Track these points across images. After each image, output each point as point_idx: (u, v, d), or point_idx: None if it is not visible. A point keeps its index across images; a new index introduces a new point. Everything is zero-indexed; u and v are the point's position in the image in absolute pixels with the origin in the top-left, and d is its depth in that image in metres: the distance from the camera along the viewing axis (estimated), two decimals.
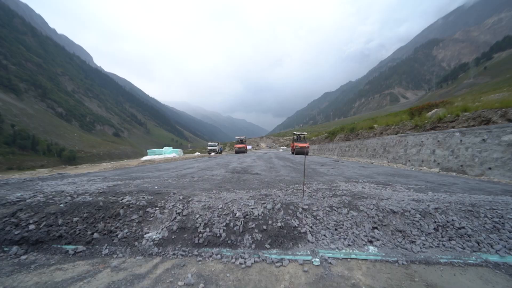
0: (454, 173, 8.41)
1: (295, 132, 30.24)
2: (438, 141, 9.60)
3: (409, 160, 11.04)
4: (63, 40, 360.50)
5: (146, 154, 40.21)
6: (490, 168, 7.46)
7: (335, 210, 3.07)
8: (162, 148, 44.03)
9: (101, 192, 3.85)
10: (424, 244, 2.58)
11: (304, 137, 28.40)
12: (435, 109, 13.29)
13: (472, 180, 6.58)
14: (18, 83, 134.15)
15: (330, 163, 12.24)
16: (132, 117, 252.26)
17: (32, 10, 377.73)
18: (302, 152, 23.10)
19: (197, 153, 47.07)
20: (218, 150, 44.15)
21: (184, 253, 2.43)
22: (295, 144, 24.83)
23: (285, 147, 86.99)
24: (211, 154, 38.85)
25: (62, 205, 3.26)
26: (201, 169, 8.76)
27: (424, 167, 9.84)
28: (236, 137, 37.50)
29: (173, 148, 45.85)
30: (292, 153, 25.28)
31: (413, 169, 9.97)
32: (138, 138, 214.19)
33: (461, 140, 8.62)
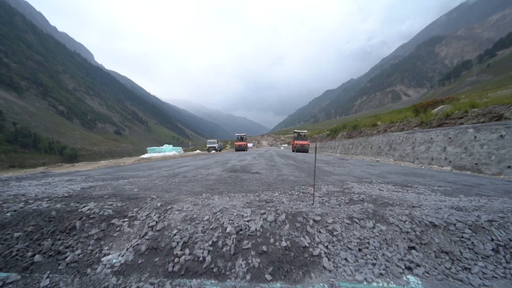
0: (468, 172, 7.84)
1: (295, 130, 30.85)
2: (449, 137, 9.02)
3: (417, 158, 10.47)
4: (64, 38, 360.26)
5: (147, 152, 39.99)
6: (509, 167, 6.79)
7: (356, 223, 2.35)
8: (162, 146, 43.78)
9: (66, 197, 3.15)
10: (484, 273, 1.86)
11: (304, 135, 28.91)
12: (441, 106, 12.71)
13: (497, 180, 5.85)
14: (19, 81, 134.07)
15: (334, 161, 11.55)
16: (133, 115, 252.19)
17: (32, 8, 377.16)
18: (303, 149, 23.86)
19: (197, 151, 46.56)
20: (218, 148, 43.26)
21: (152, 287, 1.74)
22: (296, 142, 25.38)
23: (286, 145, 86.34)
24: (211, 152, 38.19)
25: (9, 214, 2.58)
26: (196, 168, 8.04)
27: (435, 165, 9.28)
28: (236, 134, 36.05)
29: (173, 146, 45.69)
30: (293, 151, 25.71)
31: (423, 167, 9.33)
32: (139, 136, 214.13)
33: (475, 137, 8.03)
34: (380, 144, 14.17)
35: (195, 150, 51.08)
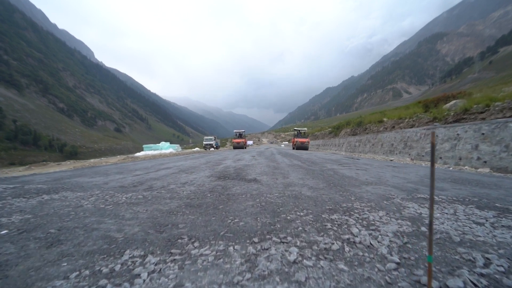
0: None
1: (295, 128, 31.33)
2: (483, 133, 7.78)
3: (441, 157, 9.32)
4: (64, 35, 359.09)
5: (143, 150, 39.06)
6: None
7: None
8: (164, 142, 42.97)
9: None
10: None
11: (304, 133, 29.66)
12: (454, 101, 12.32)
13: None
14: (19, 79, 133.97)
15: (345, 160, 10.08)
16: (134, 113, 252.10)
17: (32, 5, 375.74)
18: (303, 147, 24.36)
19: (196, 149, 45.44)
20: (215, 145, 41.41)
21: None
22: (296, 139, 25.83)
23: (287, 142, 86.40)
24: (210, 149, 36.71)
25: None
26: (179, 171, 6.51)
27: (466, 166, 8.04)
28: (235, 131, 34.14)
29: (172, 144, 44.49)
30: (293, 148, 26.03)
31: (450, 168, 8.06)
32: (139, 133, 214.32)
33: None
34: (392, 142, 13.09)
35: (194, 148, 50.23)
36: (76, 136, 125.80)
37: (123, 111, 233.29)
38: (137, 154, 30.51)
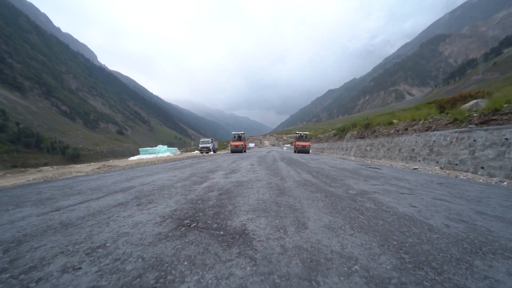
0: None
1: (297, 132, 31.81)
2: None
3: (482, 167, 7.70)
4: (68, 39, 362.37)
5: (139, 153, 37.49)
6: None
7: None
8: (161, 146, 42.08)
9: None
10: None
11: (306, 136, 29.64)
12: (474, 100, 11.41)
13: None
14: (23, 81, 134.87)
15: (366, 171, 8.03)
16: (136, 115, 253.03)
17: (37, 9, 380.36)
18: (304, 150, 24.57)
19: (196, 152, 43.41)
20: (212, 149, 36.75)
21: None
22: (297, 143, 25.99)
23: (289, 145, 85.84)
24: (208, 154, 32.55)
25: None
26: (133, 198, 4.17)
27: None
28: (233, 132, 30.44)
29: (169, 147, 42.60)
30: (295, 152, 26.18)
31: (505, 183, 6.28)
32: (141, 135, 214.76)
33: None
34: (413, 146, 11.53)
35: (194, 151, 48.63)
36: (78, 138, 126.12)
37: (126, 114, 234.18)
38: (131, 158, 29.39)
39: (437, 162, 9.70)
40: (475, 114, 9.86)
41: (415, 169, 9.64)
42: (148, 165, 12.87)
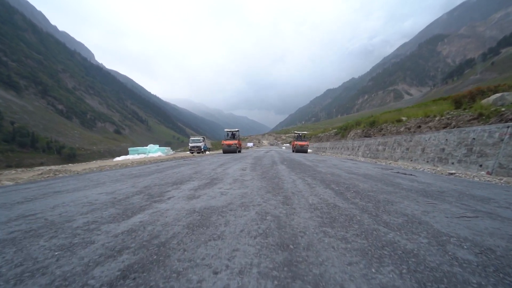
0: None
1: (295, 131, 31.70)
2: None
3: None
4: (64, 37, 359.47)
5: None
6: None
7: None
8: (159, 145, 40.68)
9: None
10: None
11: (304, 136, 30.18)
12: (498, 94, 10.37)
13: None
14: (18, 80, 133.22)
15: (401, 179, 5.59)
16: (134, 114, 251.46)
17: (33, 7, 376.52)
18: (302, 150, 25.17)
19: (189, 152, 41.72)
20: (203, 148, 33.35)
21: None
22: (296, 142, 26.59)
23: (288, 144, 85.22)
24: (200, 153, 30.10)
25: None
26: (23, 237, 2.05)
27: None
28: (226, 130, 26.28)
29: (167, 147, 40.80)
30: (293, 151, 26.47)
31: None
32: (139, 135, 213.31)
33: None
34: (443, 146, 9.60)
35: (187, 151, 46.87)
36: (75, 138, 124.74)
37: (123, 113, 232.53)
38: (117, 158, 26.35)
39: (480, 166, 7.79)
40: (503, 109, 8.83)
41: (451, 174, 7.82)
42: (120, 168, 10.42)
